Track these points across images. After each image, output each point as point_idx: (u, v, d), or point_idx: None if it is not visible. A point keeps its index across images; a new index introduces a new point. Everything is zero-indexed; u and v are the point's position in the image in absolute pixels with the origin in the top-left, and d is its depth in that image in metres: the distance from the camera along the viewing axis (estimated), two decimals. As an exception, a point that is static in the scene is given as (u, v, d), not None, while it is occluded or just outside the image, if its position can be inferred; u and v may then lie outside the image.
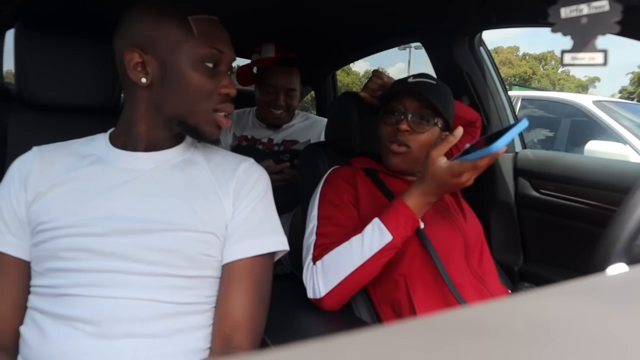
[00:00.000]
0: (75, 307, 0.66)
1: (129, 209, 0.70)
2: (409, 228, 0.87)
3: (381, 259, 0.87)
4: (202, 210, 0.73)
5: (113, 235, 0.68)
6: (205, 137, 0.75)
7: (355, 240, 0.88)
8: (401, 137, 0.99)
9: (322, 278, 0.89)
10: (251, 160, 0.83)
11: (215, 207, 0.74)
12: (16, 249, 0.72)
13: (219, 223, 0.74)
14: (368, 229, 0.88)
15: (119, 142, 0.77)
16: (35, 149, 0.77)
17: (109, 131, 0.80)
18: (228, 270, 0.74)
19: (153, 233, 0.69)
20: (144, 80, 0.71)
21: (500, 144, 0.72)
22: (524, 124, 0.76)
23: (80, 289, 0.67)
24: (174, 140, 0.78)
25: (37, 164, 0.74)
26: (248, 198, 0.77)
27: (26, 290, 0.72)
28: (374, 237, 0.86)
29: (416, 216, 0.87)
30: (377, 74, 1.18)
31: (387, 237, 0.85)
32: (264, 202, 0.79)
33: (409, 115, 0.99)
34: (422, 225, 0.89)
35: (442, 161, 0.81)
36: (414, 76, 1.06)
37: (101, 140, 0.78)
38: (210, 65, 0.72)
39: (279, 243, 0.78)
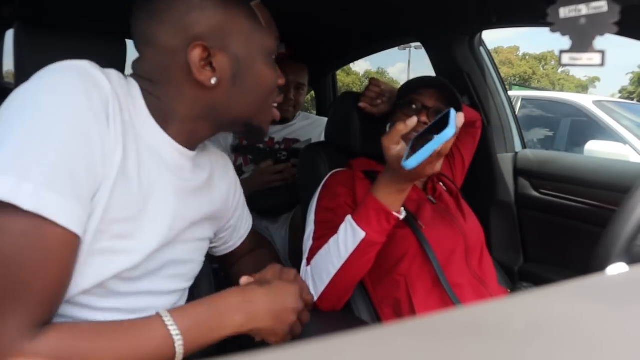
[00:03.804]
0: None
1: (186, 217, 0.64)
2: (383, 221, 0.82)
3: (363, 257, 0.83)
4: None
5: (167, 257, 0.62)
6: (261, 136, 0.67)
7: (332, 241, 0.86)
8: (419, 128, 0.98)
9: (312, 282, 0.88)
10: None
11: None
12: (81, 223, 0.48)
13: None
14: (342, 228, 0.86)
15: (157, 117, 0.59)
16: (100, 74, 0.52)
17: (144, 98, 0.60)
18: None
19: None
20: (213, 80, 0.57)
21: (451, 132, 0.66)
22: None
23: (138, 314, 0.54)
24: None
25: (110, 104, 0.52)
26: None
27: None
28: (348, 236, 0.84)
29: (387, 208, 0.82)
30: (374, 82, 1.15)
31: (360, 234, 0.82)
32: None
33: (429, 109, 0.99)
34: (401, 216, 0.85)
35: (395, 150, 0.78)
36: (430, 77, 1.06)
37: (138, 104, 0.58)
38: (274, 57, 0.64)
39: None
